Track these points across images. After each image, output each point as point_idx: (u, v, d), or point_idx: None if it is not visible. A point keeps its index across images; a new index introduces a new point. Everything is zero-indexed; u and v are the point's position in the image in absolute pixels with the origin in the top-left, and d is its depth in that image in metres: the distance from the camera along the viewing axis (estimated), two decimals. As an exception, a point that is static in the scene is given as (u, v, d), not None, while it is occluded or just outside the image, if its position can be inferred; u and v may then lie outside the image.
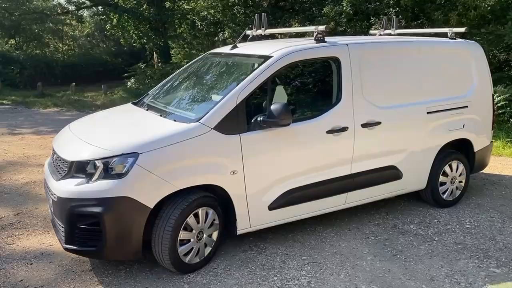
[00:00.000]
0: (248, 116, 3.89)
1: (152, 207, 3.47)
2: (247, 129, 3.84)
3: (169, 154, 3.54)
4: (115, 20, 18.46)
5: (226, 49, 4.91)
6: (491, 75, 5.60)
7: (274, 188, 4.03)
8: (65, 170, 3.67)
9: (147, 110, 4.39)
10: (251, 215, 3.98)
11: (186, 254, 3.71)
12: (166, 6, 18.29)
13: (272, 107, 3.80)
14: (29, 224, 4.79)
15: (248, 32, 5.29)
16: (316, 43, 4.34)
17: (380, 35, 6.08)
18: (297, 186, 4.15)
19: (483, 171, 6.04)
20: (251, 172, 3.86)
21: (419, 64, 4.87)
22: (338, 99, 4.32)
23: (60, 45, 24.36)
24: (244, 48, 4.67)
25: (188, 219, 3.63)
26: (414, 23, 10.21)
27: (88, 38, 26.32)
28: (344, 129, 4.29)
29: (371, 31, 6.56)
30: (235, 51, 4.69)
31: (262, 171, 3.94)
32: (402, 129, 4.74)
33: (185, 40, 19.53)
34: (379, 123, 4.51)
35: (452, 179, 5.28)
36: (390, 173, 4.73)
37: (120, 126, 4.20)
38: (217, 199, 3.85)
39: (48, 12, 20.45)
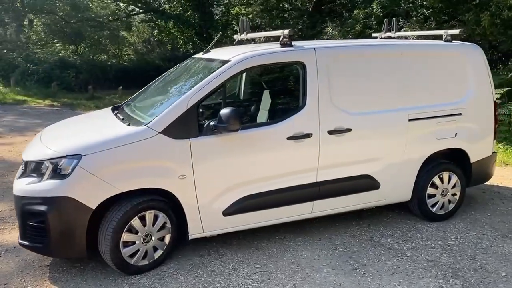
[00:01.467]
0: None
1: (94, 208, 3.57)
2: (198, 134, 3.83)
3: (113, 157, 3.62)
4: (161, 26, 19.19)
5: (200, 54, 4.94)
6: None
7: (228, 194, 3.99)
8: (23, 170, 3.87)
9: (116, 114, 4.51)
10: (204, 220, 3.96)
11: (132, 256, 3.76)
12: (210, 12, 18.70)
13: (221, 112, 3.77)
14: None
15: (235, 36, 5.30)
16: (281, 47, 4.25)
17: (382, 38, 5.83)
18: (255, 193, 4.08)
19: (496, 183, 5.60)
20: (201, 177, 3.85)
21: (401, 69, 4.60)
22: (303, 104, 4.20)
23: (117, 50, 25.65)
24: (213, 53, 4.67)
25: (132, 221, 3.69)
26: (447, 25, 9.64)
27: (144, 44, 27.49)
28: (307, 135, 4.15)
29: (373, 34, 6.29)
30: (206, 55, 4.70)
31: (215, 177, 3.91)
32: (377, 137, 4.50)
33: (227, 45, 19.83)
34: (349, 130, 4.32)
35: (443, 192, 4.94)
36: (365, 183, 4.51)
37: (81, 130, 4.34)
38: (168, 202, 3.87)
39: (101, 19, 21.62)
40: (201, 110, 4.00)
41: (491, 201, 5.63)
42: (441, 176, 4.90)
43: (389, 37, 5.74)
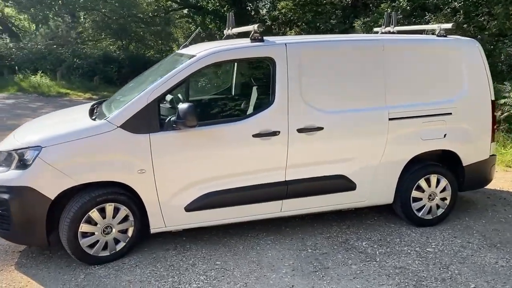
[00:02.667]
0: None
1: (52, 199, 3.68)
2: (159, 129, 3.85)
3: (72, 149, 3.72)
4: (198, 21, 19.44)
5: (180, 49, 4.95)
6: None
7: (190, 189, 3.99)
8: None
9: (92, 109, 4.60)
10: (165, 215, 3.99)
11: (92, 246, 3.86)
12: (246, 8, 18.71)
13: (179, 107, 3.77)
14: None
15: (225, 31, 5.27)
16: (251, 42, 4.17)
17: (382, 32, 5.59)
18: (219, 189, 4.05)
19: (507, 188, 5.22)
20: (162, 172, 3.87)
21: (382, 65, 4.38)
22: (271, 101, 4.11)
23: (161, 46, 26.27)
24: (188, 48, 4.66)
25: (90, 213, 3.78)
26: (477, 19, 9.06)
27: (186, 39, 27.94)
28: (274, 133, 4.06)
29: (374, 29, 6.03)
30: (182, 50, 4.70)
31: (176, 172, 3.92)
32: (352, 136, 4.32)
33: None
34: (320, 128, 4.18)
35: (430, 195, 4.67)
36: (339, 183, 4.36)
37: (52, 123, 4.45)
38: (130, 196, 3.92)
39: (142, 16, 22.25)
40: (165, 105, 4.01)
41: (492, 208, 5.26)
42: (428, 179, 4.63)
43: (389, 32, 5.49)
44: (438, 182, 4.67)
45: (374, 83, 4.36)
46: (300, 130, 4.13)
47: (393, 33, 5.44)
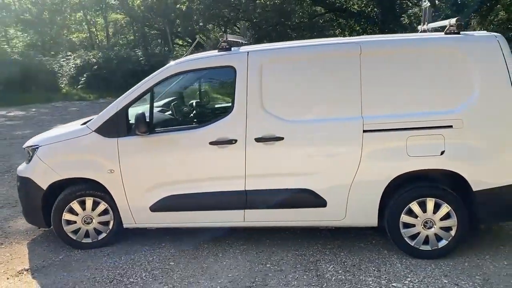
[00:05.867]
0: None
1: (45, 189, 4.42)
2: (126, 134, 4.25)
3: (59, 149, 4.42)
4: (343, 24, 19.07)
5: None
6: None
7: (154, 191, 4.27)
8: None
9: None
10: (134, 213, 4.36)
11: (75, 233, 4.48)
12: (393, 7, 17.58)
13: (136, 115, 4.10)
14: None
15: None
16: (218, 51, 4.23)
17: (421, 31, 4.91)
18: (180, 193, 4.24)
19: None
20: (127, 173, 4.26)
21: (359, 71, 3.90)
22: (231, 109, 4.10)
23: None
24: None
25: (72, 204, 4.39)
26: None
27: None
28: (231, 141, 4.05)
29: (419, 27, 5.22)
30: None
31: (140, 174, 4.26)
32: (317, 148, 3.99)
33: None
34: (280, 138, 3.98)
35: (426, 223, 3.96)
36: (304, 198, 4.06)
37: (63, 127, 5.16)
38: (108, 192, 4.41)
39: (289, 22, 22.82)
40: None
41: (536, 247, 4.12)
42: (424, 202, 3.93)
43: (424, 31, 4.79)
44: (437, 207, 3.92)
45: (346, 91, 3.93)
46: (258, 140, 4.02)
47: (424, 31, 4.73)
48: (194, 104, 5.04)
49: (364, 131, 3.88)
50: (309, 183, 4.04)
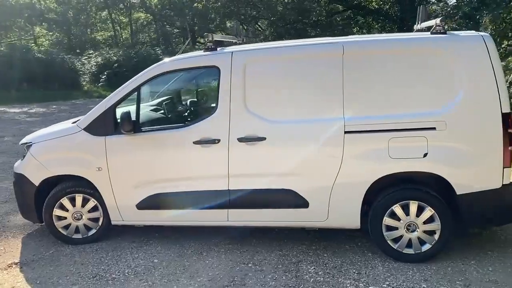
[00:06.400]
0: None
1: (37, 185, 4.54)
2: (114, 133, 4.33)
3: (50, 147, 4.53)
4: (361, 22, 18.81)
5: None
6: None
7: (140, 189, 4.34)
8: None
9: None
10: (121, 210, 4.44)
11: (66, 228, 4.58)
12: (411, 3, 17.20)
13: (120, 114, 4.17)
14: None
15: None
16: (204, 51, 4.26)
17: (417, 30, 4.82)
18: (165, 192, 4.29)
19: None
20: (115, 171, 4.34)
21: (341, 71, 3.86)
22: (214, 109, 4.13)
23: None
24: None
25: (62, 200, 4.50)
26: None
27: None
28: (214, 141, 4.08)
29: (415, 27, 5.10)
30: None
31: (126, 172, 4.33)
32: (299, 149, 3.97)
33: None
34: (262, 138, 3.99)
35: (408, 226, 3.90)
36: (287, 198, 4.05)
37: (56, 125, 5.26)
38: (97, 189, 4.50)
39: (306, 20, 22.63)
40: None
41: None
42: (407, 205, 3.87)
43: (418, 30, 4.70)
44: (420, 210, 3.86)
45: (329, 92, 3.90)
46: (240, 139, 4.03)
47: (419, 30, 4.64)
48: (180, 103, 5.09)
49: (346, 132, 3.84)
50: (291, 184, 4.03)
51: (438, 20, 3.88)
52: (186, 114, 4.92)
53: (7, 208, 5.83)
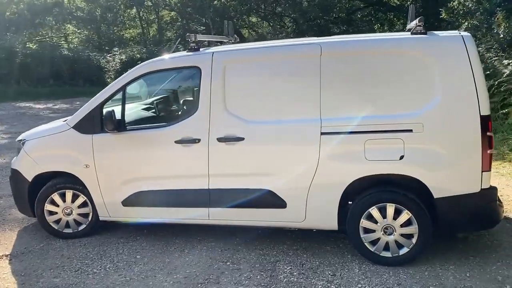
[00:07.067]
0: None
1: (30, 180, 4.71)
2: (100, 131, 4.44)
3: (41, 144, 4.70)
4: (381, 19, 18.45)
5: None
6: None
7: (125, 186, 4.44)
8: None
9: None
10: (107, 206, 4.56)
11: (57, 223, 4.74)
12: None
13: (104, 113, 4.28)
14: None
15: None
16: (187, 51, 4.32)
17: (406, 30, 4.74)
18: (149, 190, 4.38)
19: None
20: (101, 168, 4.46)
21: (319, 72, 3.85)
22: (195, 109, 4.18)
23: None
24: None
25: (52, 196, 4.66)
26: None
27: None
28: (194, 140, 4.14)
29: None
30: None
31: (112, 170, 4.45)
32: (276, 150, 3.98)
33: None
34: (241, 139, 4.02)
35: (386, 229, 3.86)
36: (265, 198, 4.07)
37: (51, 123, 5.42)
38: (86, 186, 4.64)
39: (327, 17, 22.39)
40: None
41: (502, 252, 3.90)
42: (384, 208, 3.83)
43: (409, 29, 4.61)
44: (398, 213, 3.81)
45: (307, 92, 3.89)
46: (220, 139, 4.07)
47: (409, 30, 4.55)
48: (168, 103, 5.17)
49: (322, 133, 3.83)
50: (269, 184, 4.05)
51: (417, 20, 3.81)
52: (169, 113, 5.00)
53: (10, 202, 6.05)
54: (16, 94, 19.51)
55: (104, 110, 4.37)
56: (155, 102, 5.21)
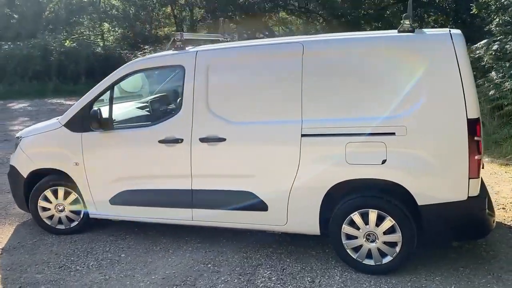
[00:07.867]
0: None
1: (25, 177, 4.82)
2: (89, 129, 4.48)
3: (35, 141, 4.80)
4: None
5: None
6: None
7: (112, 185, 4.46)
8: None
9: None
10: (96, 204, 4.60)
11: (49, 219, 4.83)
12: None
13: (90, 111, 4.31)
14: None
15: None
16: (172, 50, 4.28)
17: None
18: (134, 189, 4.39)
19: None
20: (90, 166, 4.50)
21: (301, 72, 3.72)
22: (179, 109, 4.15)
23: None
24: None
25: (45, 192, 4.74)
26: None
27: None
28: (177, 140, 4.10)
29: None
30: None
31: (99, 168, 4.48)
32: (256, 151, 3.89)
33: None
34: (223, 139, 3.95)
35: (368, 235, 3.70)
36: (247, 201, 3.98)
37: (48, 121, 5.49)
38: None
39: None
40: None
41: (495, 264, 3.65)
42: (366, 214, 3.67)
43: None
44: (380, 220, 3.64)
45: (289, 93, 3.77)
46: (202, 140, 4.02)
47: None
48: (157, 102, 5.16)
49: (303, 135, 3.70)
50: (250, 186, 3.96)
51: (403, 17, 3.62)
52: (156, 112, 4.98)
53: (17, 197, 6.24)
54: (49, 91, 20.15)
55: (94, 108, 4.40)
56: (149, 101, 5.22)
